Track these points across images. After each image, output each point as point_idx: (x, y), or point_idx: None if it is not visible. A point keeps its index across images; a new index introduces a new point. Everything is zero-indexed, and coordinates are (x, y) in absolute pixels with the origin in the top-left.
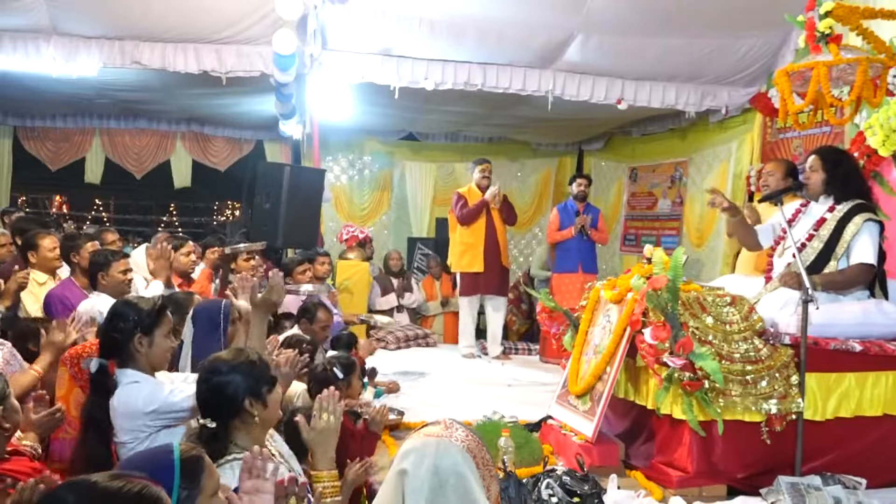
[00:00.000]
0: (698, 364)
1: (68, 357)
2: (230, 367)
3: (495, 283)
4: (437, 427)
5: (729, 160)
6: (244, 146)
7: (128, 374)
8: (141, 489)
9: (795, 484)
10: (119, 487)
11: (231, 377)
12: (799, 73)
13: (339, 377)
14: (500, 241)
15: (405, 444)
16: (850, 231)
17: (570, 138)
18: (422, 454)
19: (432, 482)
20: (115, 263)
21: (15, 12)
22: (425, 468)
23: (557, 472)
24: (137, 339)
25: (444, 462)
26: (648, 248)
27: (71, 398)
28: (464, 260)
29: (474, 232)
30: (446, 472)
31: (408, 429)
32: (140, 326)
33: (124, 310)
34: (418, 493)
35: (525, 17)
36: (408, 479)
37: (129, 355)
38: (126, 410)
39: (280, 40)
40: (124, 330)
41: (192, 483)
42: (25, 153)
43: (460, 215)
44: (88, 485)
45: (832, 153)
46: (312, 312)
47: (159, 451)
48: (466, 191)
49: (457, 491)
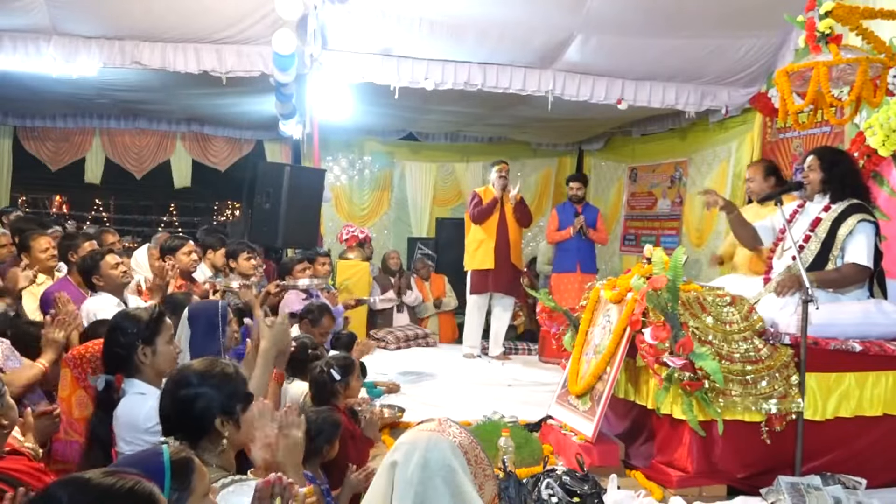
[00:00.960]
0: (698, 364)
1: (71, 358)
2: (201, 379)
3: (505, 281)
4: (431, 423)
5: (729, 160)
6: (244, 146)
7: (135, 384)
8: (134, 485)
9: (795, 484)
10: (112, 483)
11: (202, 390)
12: (799, 73)
13: (337, 378)
14: (512, 241)
15: (399, 438)
16: (843, 232)
17: (570, 138)
18: (412, 447)
19: (421, 475)
20: (102, 262)
21: (15, 12)
22: (415, 461)
23: (557, 472)
24: (140, 350)
25: (434, 455)
26: (648, 248)
27: (74, 399)
28: (476, 257)
29: (486, 229)
30: (436, 464)
31: (407, 428)
32: (141, 337)
33: (123, 323)
34: (407, 485)
35: (525, 17)
36: (398, 470)
37: (135, 367)
38: (127, 421)
39: (280, 40)
40: (126, 343)
41: (182, 484)
42: (25, 153)
43: (473, 213)
44: (82, 482)
45: (830, 153)
46: (317, 316)
47: (149, 454)
48: (483, 190)
49: (447, 484)
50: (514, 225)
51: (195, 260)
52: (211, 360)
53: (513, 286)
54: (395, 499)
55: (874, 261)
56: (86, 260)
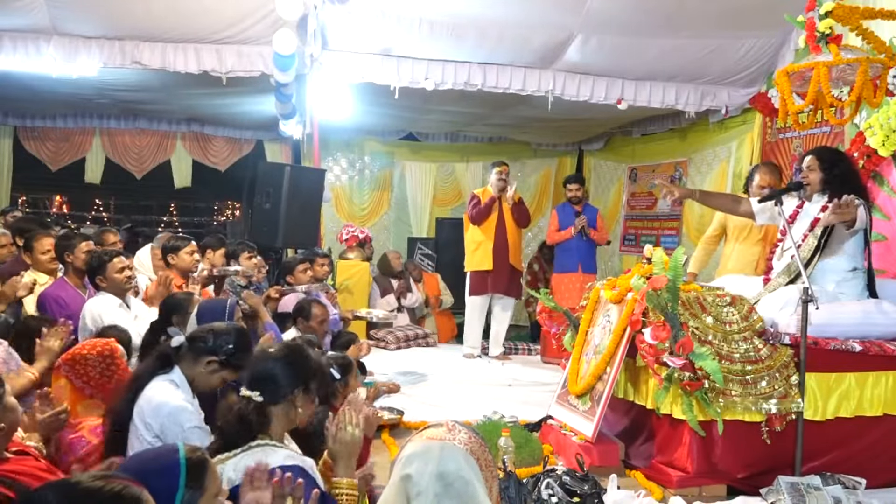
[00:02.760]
0: (698, 364)
1: (64, 363)
2: (292, 354)
3: (504, 282)
4: (440, 430)
5: (729, 160)
6: (244, 146)
7: (178, 373)
8: (121, 489)
9: (795, 484)
10: (100, 487)
11: (290, 364)
12: (799, 73)
13: (336, 377)
14: (511, 242)
15: (407, 447)
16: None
17: (570, 138)
18: (425, 459)
19: (436, 487)
20: (109, 264)
21: (15, 12)
22: (429, 473)
23: (557, 471)
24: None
25: (449, 467)
26: (648, 248)
27: (79, 407)
28: (475, 258)
29: (485, 230)
30: (451, 476)
31: (407, 429)
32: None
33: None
34: (423, 498)
35: (525, 17)
36: (412, 484)
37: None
38: (151, 408)
39: (280, 40)
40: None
41: (196, 483)
42: (25, 153)
43: (472, 214)
44: (70, 484)
45: (829, 153)
46: (307, 310)
47: (165, 451)
48: (482, 191)
49: (462, 495)
50: (513, 225)
51: (197, 260)
52: (306, 342)
53: (512, 286)
54: None
55: (865, 240)
56: (93, 259)
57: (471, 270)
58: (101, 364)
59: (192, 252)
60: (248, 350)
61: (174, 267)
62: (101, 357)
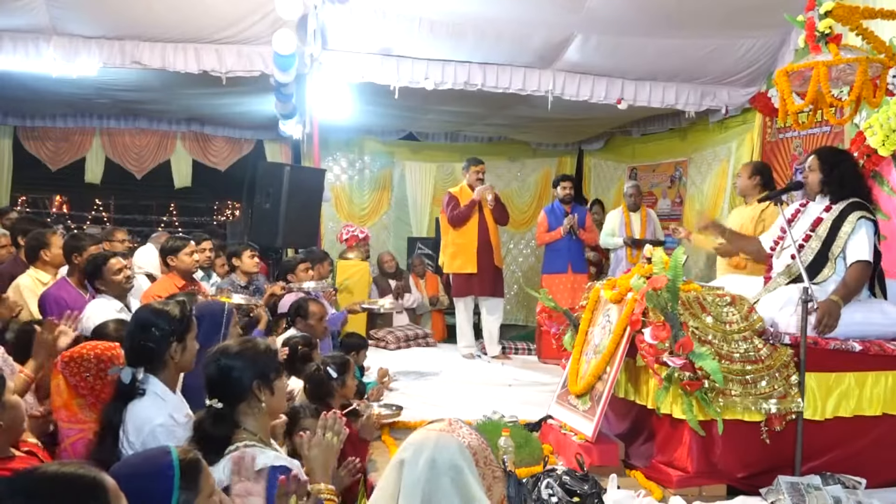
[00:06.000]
0: (698, 364)
1: (64, 363)
2: (239, 351)
3: (489, 284)
4: (441, 423)
5: (729, 160)
6: (244, 146)
7: (156, 383)
8: (77, 469)
9: (795, 483)
10: (56, 470)
11: (240, 361)
12: (799, 72)
13: (333, 377)
14: (493, 242)
15: (409, 437)
16: (846, 230)
17: (570, 138)
18: (421, 446)
19: (429, 474)
20: (105, 266)
21: (15, 12)
22: (423, 460)
23: (557, 471)
24: (173, 347)
25: (442, 455)
26: (648, 248)
27: (74, 404)
28: (456, 261)
29: (467, 233)
30: (443, 464)
31: (407, 428)
32: (175, 334)
33: (156, 319)
34: (415, 484)
35: (524, 16)
36: (405, 469)
37: (163, 363)
38: (135, 426)
39: (280, 40)
40: (159, 338)
41: (191, 484)
42: (25, 153)
43: (451, 217)
44: (27, 471)
45: (831, 154)
46: (304, 308)
47: (157, 453)
48: (458, 191)
49: (454, 484)
50: (494, 225)
51: (197, 261)
52: (245, 339)
53: (497, 287)
54: (403, 497)
55: (874, 261)
56: (89, 265)
57: (453, 273)
58: (96, 367)
59: (192, 252)
60: (189, 306)
61: (174, 269)
62: (97, 360)
